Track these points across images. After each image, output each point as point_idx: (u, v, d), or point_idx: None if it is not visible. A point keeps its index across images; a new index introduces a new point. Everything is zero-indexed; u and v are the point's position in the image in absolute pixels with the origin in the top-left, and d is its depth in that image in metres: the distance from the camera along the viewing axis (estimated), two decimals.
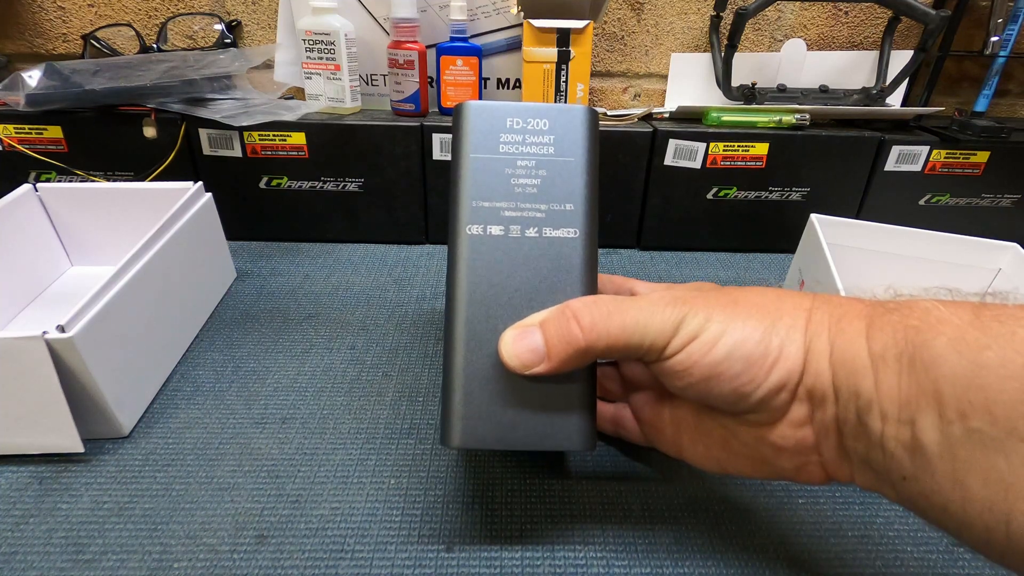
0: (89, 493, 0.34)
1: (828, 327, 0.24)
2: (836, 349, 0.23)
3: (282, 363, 0.44)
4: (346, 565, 0.30)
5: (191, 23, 0.68)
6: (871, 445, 0.22)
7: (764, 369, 0.24)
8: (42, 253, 0.52)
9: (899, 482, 0.22)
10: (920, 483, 0.21)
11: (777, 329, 0.24)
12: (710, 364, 0.24)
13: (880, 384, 0.22)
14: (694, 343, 0.25)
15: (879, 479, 0.23)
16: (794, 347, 0.24)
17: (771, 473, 0.27)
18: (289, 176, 0.60)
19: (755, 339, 0.24)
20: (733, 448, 0.27)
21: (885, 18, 0.68)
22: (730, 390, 0.24)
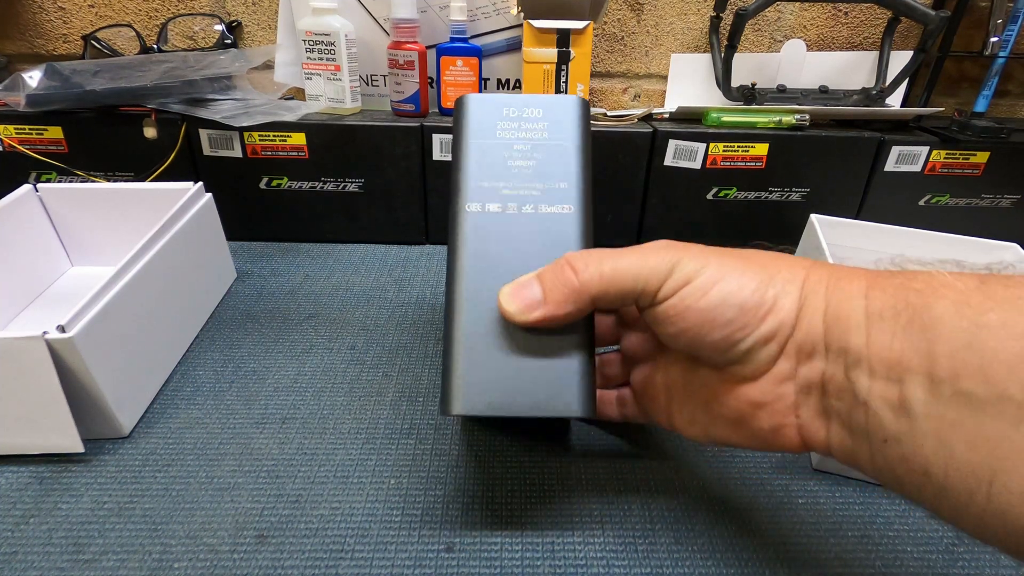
0: (89, 493, 0.34)
1: (826, 285, 0.24)
2: (831, 305, 0.23)
3: (282, 363, 0.44)
4: (346, 565, 0.30)
5: (191, 24, 0.68)
6: (855, 403, 0.22)
7: (757, 318, 0.24)
8: (42, 253, 0.52)
9: (879, 445, 0.21)
10: (902, 445, 0.21)
11: (774, 282, 0.24)
12: (703, 309, 0.24)
13: (872, 341, 0.21)
14: (688, 287, 0.25)
15: (857, 442, 0.22)
16: (788, 300, 0.24)
17: (749, 437, 0.26)
18: (289, 176, 0.60)
19: (750, 288, 0.24)
20: (714, 410, 0.27)
21: (885, 19, 0.68)
22: (721, 337, 0.24)
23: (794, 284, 0.24)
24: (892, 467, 0.21)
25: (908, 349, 0.20)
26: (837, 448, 0.24)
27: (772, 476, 0.36)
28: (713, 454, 0.37)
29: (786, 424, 0.25)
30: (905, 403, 0.20)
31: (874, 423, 0.21)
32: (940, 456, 0.19)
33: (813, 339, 0.23)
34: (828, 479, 0.36)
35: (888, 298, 0.22)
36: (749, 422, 0.26)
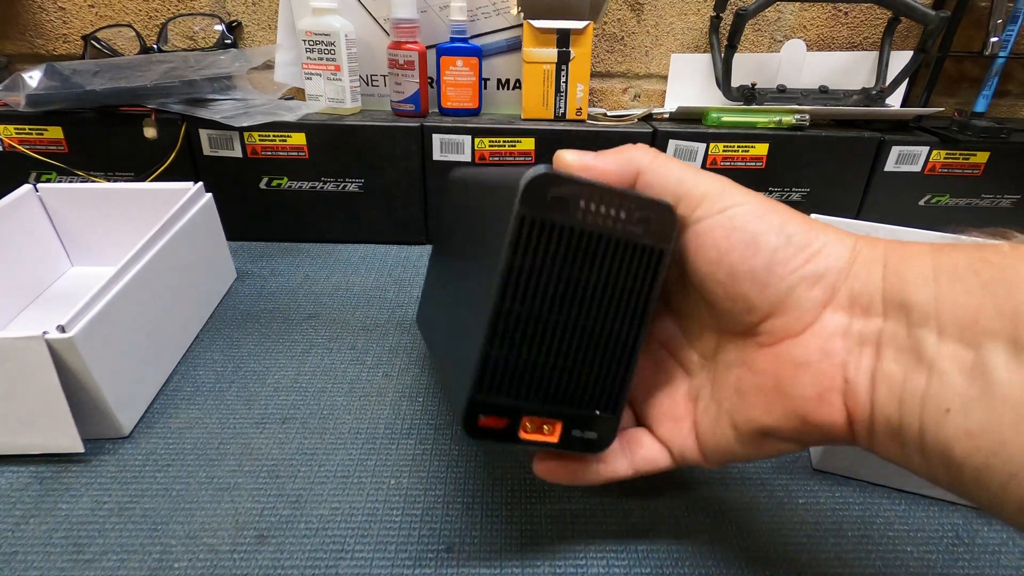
0: (89, 493, 0.34)
1: (884, 245, 0.22)
2: (892, 259, 0.21)
3: (282, 363, 0.44)
4: (346, 565, 0.30)
5: (191, 24, 0.68)
6: (917, 366, 0.19)
7: (803, 256, 0.22)
8: (42, 253, 0.52)
9: (937, 417, 0.19)
10: (970, 417, 0.18)
11: (824, 231, 0.22)
12: (748, 231, 0.22)
13: (943, 297, 0.19)
14: (735, 208, 0.23)
15: (906, 415, 0.19)
16: (839, 247, 0.22)
17: (787, 413, 0.23)
18: (289, 176, 0.60)
19: (798, 226, 0.22)
20: (747, 384, 0.24)
21: (885, 19, 0.68)
22: (763, 265, 0.22)
23: (846, 237, 0.22)
24: (948, 446, 0.18)
25: (988, 309, 0.18)
26: (881, 423, 0.20)
27: (772, 476, 0.36)
28: None
29: (832, 389, 0.21)
30: (983, 368, 0.18)
31: (937, 390, 0.19)
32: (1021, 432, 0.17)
33: (870, 291, 0.21)
34: (828, 479, 0.36)
35: (962, 257, 0.19)
36: (789, 389, 0.22)
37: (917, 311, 0.19)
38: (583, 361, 0.24)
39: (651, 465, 0.27)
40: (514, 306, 0.23)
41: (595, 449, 0.25)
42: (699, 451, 0.26)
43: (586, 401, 0.25)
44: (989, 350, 0.18)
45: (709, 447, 0.26)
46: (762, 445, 0.24)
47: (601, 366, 0.24)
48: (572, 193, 0.23)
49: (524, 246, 0.22)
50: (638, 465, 0.27)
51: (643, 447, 0.27)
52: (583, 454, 0.26)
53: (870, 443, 0.21)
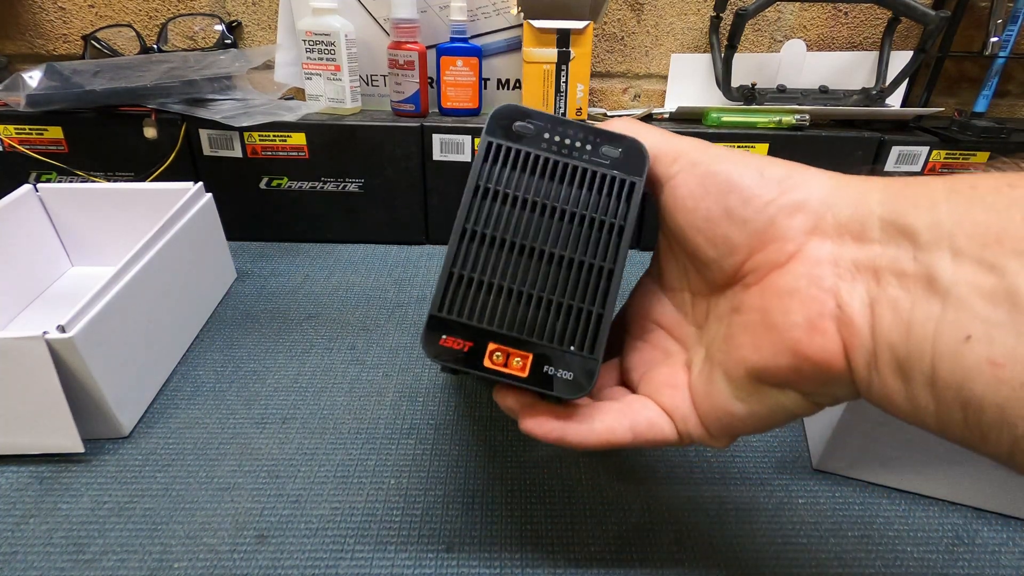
0: (89, 493, 0.34)
1: (881, 179, 0.20)
2: (892, 186, 0.20)
3: (282, 363, 0.44)
4: (346, 565, 0.30)
5: (191, 24, 0.68)
6: (929, 294, 0.18)
7: (780, 187, 0.21)
8: (42, 253, 0.52)
9: (956, 345, 0.17)
10: (995, 345, 0.16)
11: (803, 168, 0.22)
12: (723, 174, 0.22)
13: (959, 218, 0.17)
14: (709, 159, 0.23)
15: (916, 346, 0.18)
16: (820, 179, 0.21)
17: (777, 344, 0.21)
18: (289, 176, 0.60)
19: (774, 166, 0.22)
20: (735, 328, 0.23)
21: (885, 19, 0.68)
22: (739, 201, 0.22)
23: (829, 173, 0.22)
24: (966, 379, 0.17)
25: (1015, 225, 0.16)
26: (885, 354, 0.18)
27: (772, 476, 0.36)
28: (714, 453, 0.37)
29: (823, 315, 0.20)
30: (1011, 291, 0.16)
31: (955, 317, 0.17)
32: None
33: (862, 217, 0.20)
34: (828, 479, 0.36)
35: (983, 180, 0.18)
36: (777, 319, 0.21)
37: (924, 235, 0.18)
38: (555, 291, 0.24)
39: (654, 431, 0.25)
40: (478, 226, 0.23)
41: (573, 392, 0.23)
42: (699, 419, 0.24)
43: (559, 335, 0.24)
44: (1017, 272, 0.16)
45: (706, 411, 0.24)
46: (759, 397, 0.22)
47: (575, 299, 0.24)
48: (537, 125, 0.24)
49: (490, 171, 0.24)
50: (639, 428, 0.25)
51: (646, 410, 0.25)
52: (560, 396, 0.24)
53: (870, 381, 0.19)
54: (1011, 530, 0.33)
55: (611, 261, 0.24)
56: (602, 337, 0.24)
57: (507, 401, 0.26)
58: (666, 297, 0.28)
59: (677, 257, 0.26)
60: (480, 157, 0.24)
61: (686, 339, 0.27)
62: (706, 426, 0.24)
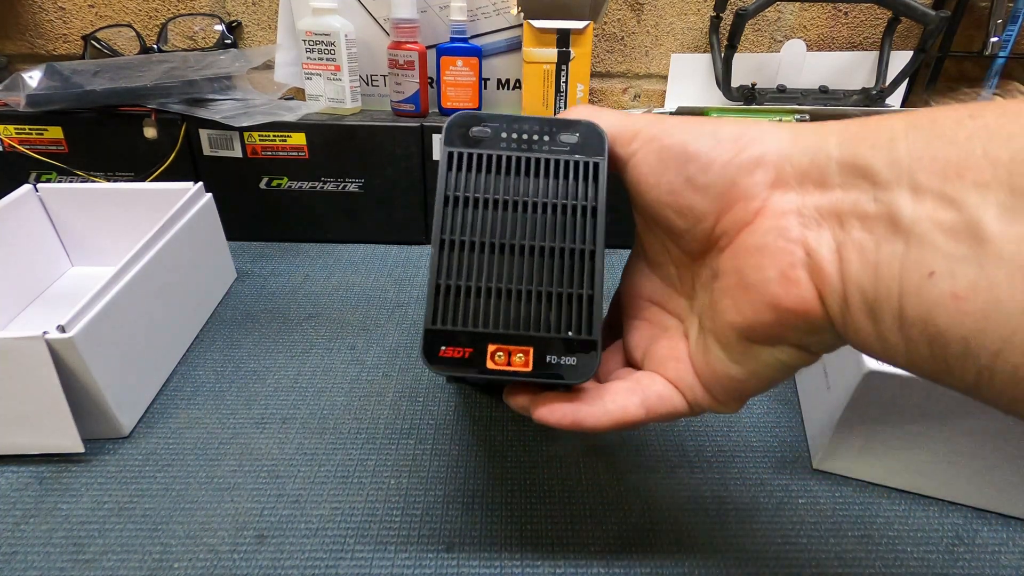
0: (89, 493, 0.34)
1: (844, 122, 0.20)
2: (852, 127, 0.20)
3: (282, 363, 0.44)
4: (346, 565, 0.30)
5: (191, 24, 0.68)
6: (892, 233, 0.18)
7: (735, 147, 0.21)
8: (42, 253, 0.52)
9: (921, 282, 0.17)
10: (957, 279, 0.16)
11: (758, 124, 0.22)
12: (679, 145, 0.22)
13: (917, 154, 0.17)
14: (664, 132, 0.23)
15: (883, 283, 0.18)
16: (776, 132, 0.21)
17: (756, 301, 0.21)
18: (289, 176, 0.60)
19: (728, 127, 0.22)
20: (716, 294, 0.23)
21: (885, 19, 0.68)
22: (697, 168, 0.22)
23: (786, 125, 0.21)
24: (931, 314, 0.17)
25: (977, 160, 0.16)
26: (855, 296, 0.19)
27: (772, 476, 0.36)
28: (713, 453, 0.37)
29: (794, 265, 0.20)
30: (971, 225, 0.16)
31: (918, 254, 0.17)
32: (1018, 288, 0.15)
33: (821, 163, 0.20)
34: (828, 479, 0.36)
35: (943, 113, 0.18)
36: (751, 277, 0.21)
37: (884, 174, 0.18)
38: (543, 282, 0.24)
39: (665, 404, 0.25)
40: (455, 235, 0.24)
41: (579, 376, 0.24)
42: (703, 387, 0.25)
43: (555, 323, 0.24)
44: (977, 205, 0.16)
45: (708, 379, 0.24)
46: (754, 357, 0.22)
47: (563, 285, 0.24)
48: (493, 127, 0.25)
49: (456, 179, 0.24)
50: (650, 403, 0.25)
51: (656, 385, 0.25)
52: (567, 383, 0.24)
53: (845, 323, 0.19)
54: (1011, 530, 0.33)
55: (591, 242, 0.24)
56: (596, 316, 0.24)
57: (519, 400, 0.26)
58: (653, 273, 0.28)
59: (654, 232, 0.26)
60: (443, 168, 0.24)
61: (679, 311, 0.27)
62: (712, 393, 0.24)
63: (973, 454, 0.32)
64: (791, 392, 0.42)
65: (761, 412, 0.41)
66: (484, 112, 0.25)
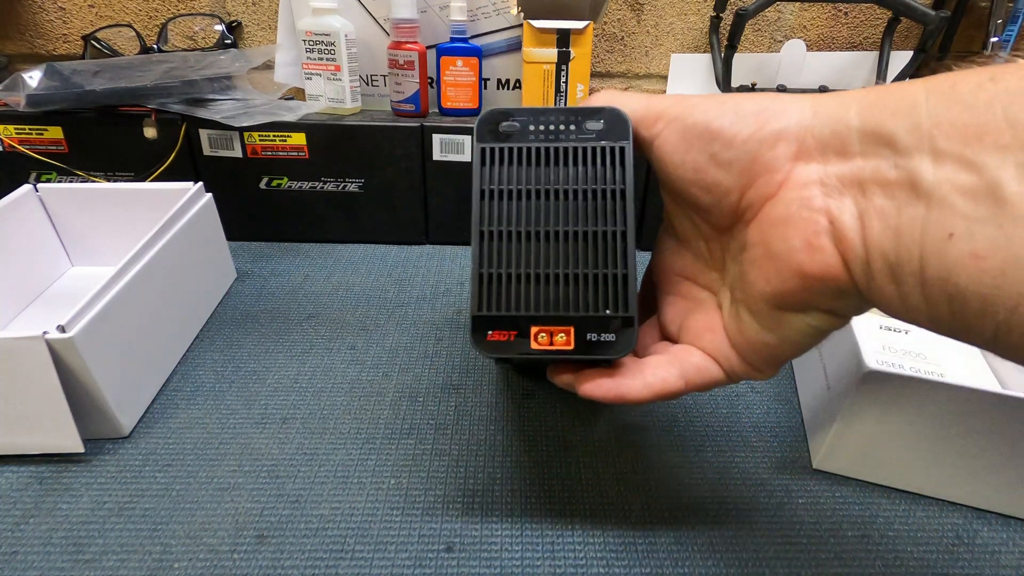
0: (89, 493, 0.34)
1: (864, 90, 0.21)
2: (871, 95, 0.20)
3: (282, 363, 0.44)
4: (346, 565, 0.30)
5: (191, 24, 0.68)
6: (913, 198, 0.18)
7: (757, 121, 0.22)
8: (42, 253, 0.52)
9: (941, 244, 0.17)
10: (976, 239, 0.17)
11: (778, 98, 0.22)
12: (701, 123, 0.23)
13: (937, 119, 0.18)
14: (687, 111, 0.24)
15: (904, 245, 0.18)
16: (797, 104, 0.22)
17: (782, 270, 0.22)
18: (289, 176, 0.60)
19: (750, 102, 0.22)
20: (746, 265, 0.24)
21: (885, 19, 0.68)
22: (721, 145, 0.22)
23: (807, 97, 0.22)
24: (951, 274, 0.17)
25: (998, 123, 0.17)
26: (877, 260, 0.19)
27: (772, 476, 0.36)
28: (713, 453, 0.37)
29: (818, 233, 0.20)
30: (990, 186, 0.16)
31: (938, 216, 0.17)
32: None
33: (842, 132, 0.20)
34: (828, 479, 0.36)
35: (963, 77, 0.18)
36: (777, 246, 0.22)
37: (903, 141, 0.18)
38: (579, 264, 0.25)
39: (702, 374, 0.26)
40: (492, 226, 0.25)
41: (619, 351, 0.25)
42: (739, 356, 0.25)
43: (592, 303, 0.25)
44: (997, 167, 0.16)
45: (743, 348, 0.25)
46: (785, 323, 0.23)
47: (598, 266, 0.25)
48: (521, 121, 0.26)
49: (488, 174, 0.25)
50: (688, 374, 0.26)
51: (693, 357, 0.26)
52: (608, 358, 0.25)
53: (869, 286, 0.20)
54: (1011, 530, 0.33)
55: (621, 223, 0.25)
56: (632, 293, 0.25)
57: (563, 378, 0.27)
58: (684, 249, 0.29)
59: (682, 209, 0.27)
60: (477, 164, 0.26)
61: (711, 284, 0.28)
62: (748, 361, 0.25)
63: (973, 454, 0.32)
64: (791, 392, 0.42)
65: (761, 412, 0.41)
66: (512, 107, 0.26)
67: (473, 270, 0.25)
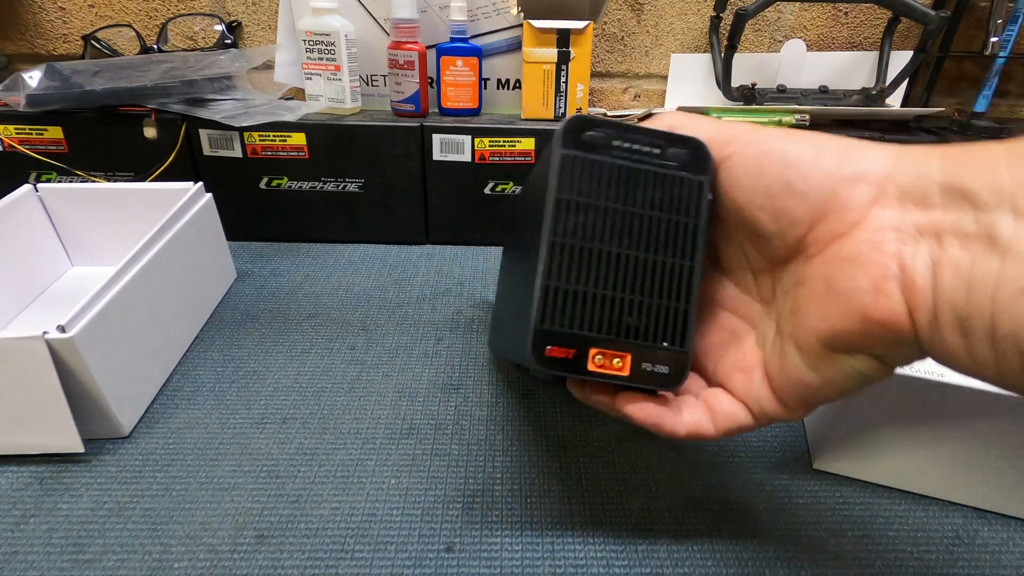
0: (89, 493, 0.34)
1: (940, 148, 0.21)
2: (951, 152, 0.20)
3: (282, 363, 0.44)
4: (346, 565, 0.30)
5: (191, 24, 0.68)
6: (989, 251, 0.18)
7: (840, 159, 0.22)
8: (42, 253, 0.52)
9: (1014, 298, 0.18)
10: None
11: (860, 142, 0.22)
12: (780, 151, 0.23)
13: (1013, 178, 0.18)
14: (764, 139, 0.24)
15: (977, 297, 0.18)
16: (879, 151, 0.22)
17: (844, 310, 0.21)
18: (289, 176, 0.60)
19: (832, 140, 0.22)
20: (802, 299, 0.23)
21: (885, 19, 0.68)
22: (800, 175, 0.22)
23: (886, 145, 0.22)
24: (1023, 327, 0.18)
25: None
26: (946, 312, 0.19)
27: (772, 476, 0.36)
28: (713, 453, 0.37)
29: (887, 278, 0.20)
30: None
31: (1014, 271, 0.18)
32: None
33: (924, 184, 0.20)
34: (828, 479, 0.36)
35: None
36: (842, 285, 0.21)
37: (986, 197, 0.19)
38: (643, 293, 0.25)
39: (732, 422, 0.26)
40: (566, 239, 0.24)
41: (669, 384, 0.25)
42: (774, 397, 0.25)
43: (652, 333, 0.25)
44: None
45: (782, 385, 0.24)
46: (832, 365, 0.23)
47: (662, 298, 0.25)
48: (606, 133, 0.25)
49: (568, 183, 0.24)
50: (719, 423, 0.26)
51: (721, 404, 0.26)
52: (657, 389, 0.25)
53: (932, 338, 0.20)
54: (1011, 530, 0.33)
55: (689, 258, 0.25)
56: (690, 330, 0.25)
57: (600, 399, 0.27)
58: (726, 279, 0.29)
59: (734, 237, 0.27)
60: (556, 171, 0.24)
61: (752, 316, 0.27)
62: (782, 399, 0.25)
63: (973, 454, 0.32)
64: None
65: None
66: (600, 117, 0.25)
67: (539, 281, 0.24)
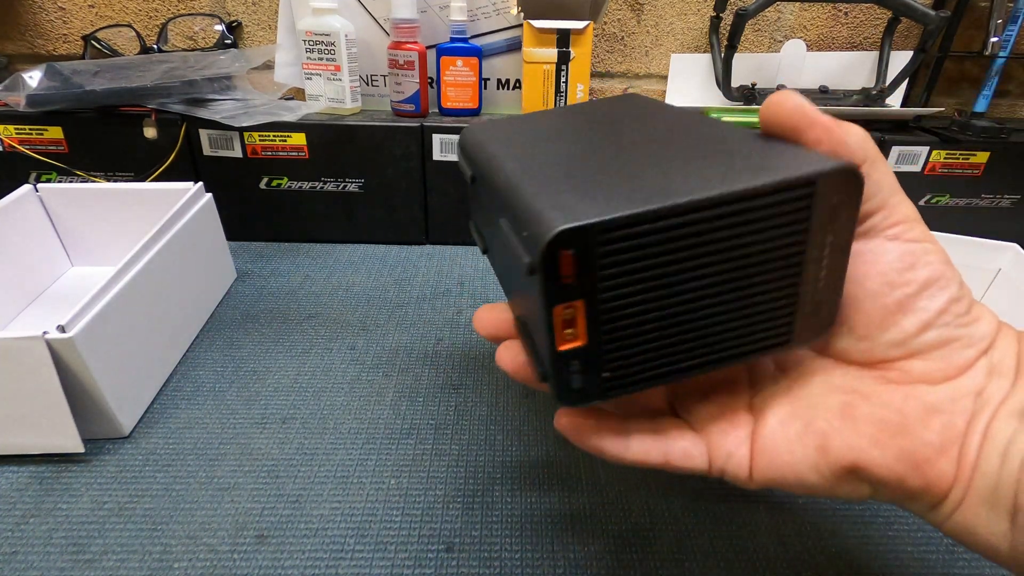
0: (89, 493, 0.34)
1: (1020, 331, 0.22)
2: None
3: (282, 363, 0.44)
4: (346, 565, 0.30)
5: (191, 24, 0.68)
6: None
7: (968, 317, 0.21)
8: (42, 253, 0.52)
9: None
10: None
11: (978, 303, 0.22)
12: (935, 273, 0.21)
13: None
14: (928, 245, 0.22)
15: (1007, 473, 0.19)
16: (990, 318, 0.22)
17: (903, 452, 0.21)
18: (289, 176, 0.60)
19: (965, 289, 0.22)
20: (862, 413, 0.22)
21: (885, 19, 0.68)
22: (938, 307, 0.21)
23: (990, 312, 0.22)
24: None
25: None
26: (979, 481, 0.20)
27: None
28: None
29: (954, 442, 0.20)
30: None
31: None
32: None
33: (1007, 361, 0.21)
34: None
35: None
36: (915, 430, 0.21)
37: None
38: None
39: (685, 461, 0.24)
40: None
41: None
42: (749, 464, 0.23)
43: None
44: None
45: (768, 462, 0.23)
46: (840, 479, 0.22)
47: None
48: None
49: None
50: (671, 457, 0.24)
51: (680, 441, 0.24)
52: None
53: (958, 507, 0.20)
54: None
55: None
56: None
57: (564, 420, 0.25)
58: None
59: None
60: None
61: (756, 371, 0.26)
62: (756, 471, 0.23)
63: None
64: None
65: None
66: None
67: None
